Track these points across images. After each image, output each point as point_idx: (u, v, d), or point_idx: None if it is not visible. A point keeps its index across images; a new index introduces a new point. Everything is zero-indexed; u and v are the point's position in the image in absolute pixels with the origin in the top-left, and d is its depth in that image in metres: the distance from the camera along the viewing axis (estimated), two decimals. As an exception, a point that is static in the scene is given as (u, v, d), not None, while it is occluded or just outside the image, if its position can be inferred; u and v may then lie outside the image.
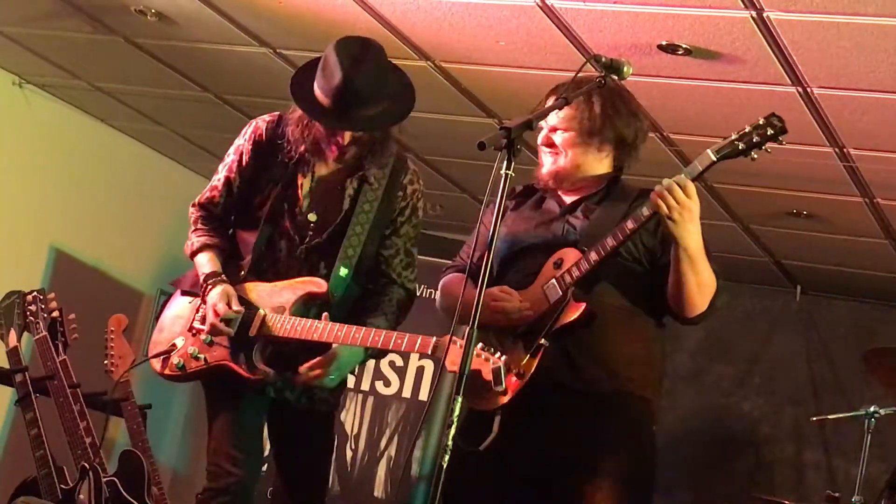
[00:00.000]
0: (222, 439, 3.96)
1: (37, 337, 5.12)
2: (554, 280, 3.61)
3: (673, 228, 3.43)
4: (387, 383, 8.00)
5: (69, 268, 7.71)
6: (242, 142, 4.13)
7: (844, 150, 5.68)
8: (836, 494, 6.05)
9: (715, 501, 7.31)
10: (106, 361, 5.76)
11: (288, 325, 3.83)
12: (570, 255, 3.61)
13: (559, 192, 3.83)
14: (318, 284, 3.89)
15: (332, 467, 7.79)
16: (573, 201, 3.79)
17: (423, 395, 7.93)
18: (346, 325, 3.75)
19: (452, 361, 3.31)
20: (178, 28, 5.90)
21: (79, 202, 7.81)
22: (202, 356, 3.95)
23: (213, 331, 3.91)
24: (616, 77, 3.55)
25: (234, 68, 6.33)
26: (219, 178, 4.15)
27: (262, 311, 3.89)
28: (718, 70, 5.08)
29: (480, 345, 3.41)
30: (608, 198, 3.75)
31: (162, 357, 4.05)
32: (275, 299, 3.92)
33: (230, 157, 4.15)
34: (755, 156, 3.41)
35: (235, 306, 3.89)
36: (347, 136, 3.91)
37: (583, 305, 3.53)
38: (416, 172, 4.11)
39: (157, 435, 5.23)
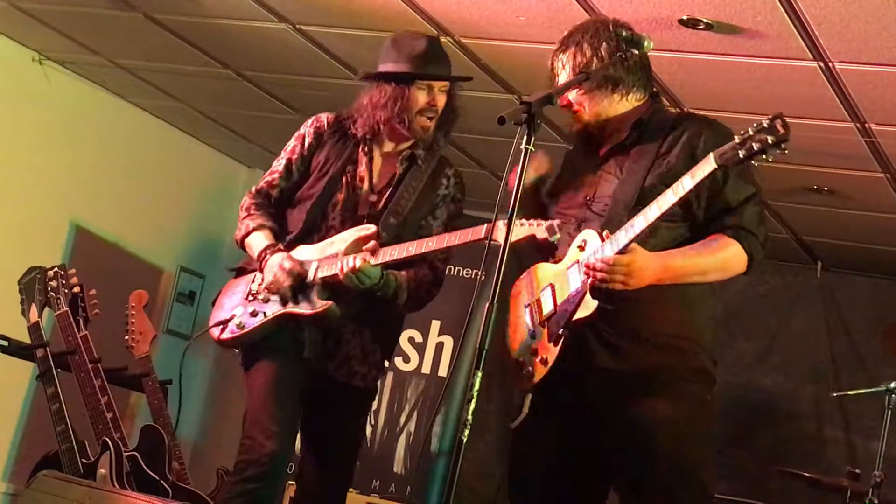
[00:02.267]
0: (259, 411, 4.03)
1: (58, 312, 5.15)
2: (575, 267, 3.54)
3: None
4: (406, 359, 8.03)
5: (89, 244, 7.73)
6: (304, 131, 4.33)
7: (866, 125, 5.65)
8: (857, 470, 6.05)
9: (736, 477, 7.30)
10: (127, 337, 5.79)
11: (347, 262, 3.95)
12: (592, 241, 3.51)
13: (594, 145, 3.75)
14: (366, 228, 4.04)
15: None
16: (604, 153, 3.70)
17: (443, 370, 7.95)
18: (396, 245, 3.95)
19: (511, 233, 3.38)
20: (197, 4, 5.89)
21: (99, 179, 7.83)
22: (261, 312, 4.08)
23: (275, 286, 4.02)
24: (636, 51, 3.53)
25: (254, 44, 6.32)
26: (279, 163, 4.32)
27: (315, 263, 4.04)
28: (739, 45, 5.05)
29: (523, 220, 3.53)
30: (639, 141, 3.63)
31: (221, 325, 4.14)
32: (326, 252, 4.06)
33: (291, 143, 4.33)
34: (755, 163, 3.26)
35: (297, 268, 4.02)
36: (440, 99, 4.18)
37: (595, 306, 3.43)
38: (459, 172, 4.34)
39: (178, 410, 5.25)
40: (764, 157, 3.18)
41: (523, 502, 3.70)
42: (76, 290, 5.24)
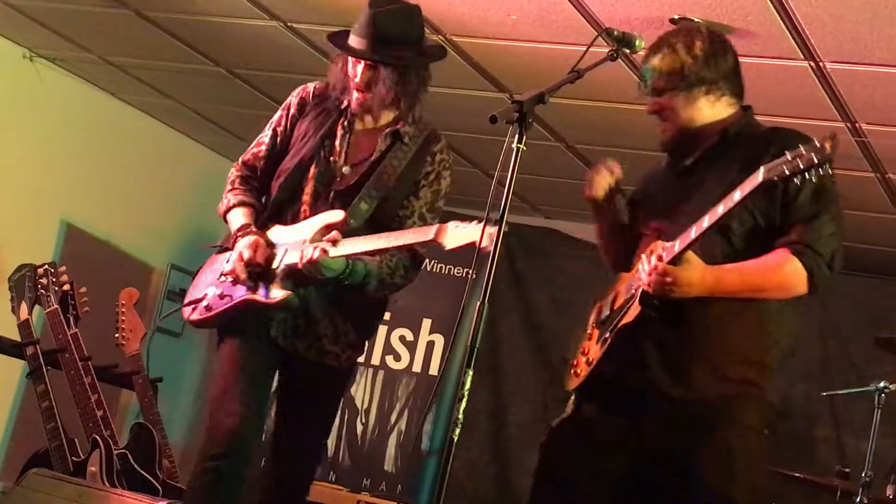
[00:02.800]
0: (221, 391, 3.99)
1: (48, 310, 5.15)
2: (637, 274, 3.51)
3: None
4: (397, 358, 8.03)
5: (80, 242, 7.72)
6: (289, 101, 4.25)
7: (856, 125, 5.66)
8: (847, 470, 6.06)
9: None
10: (117, 335, 5.78)
11: (306, 253, 3.87)
12: (657, 251, 3.44)
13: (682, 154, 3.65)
14: (334, 215, 3.95)
15: (343, 441, 7.87)
16: (691, 162, 3.61)
17: (433, 369, 7.96)
18: (353, 238, 3.84)
19: (452, 240, 3.50)
20: (188, 1, 5.89)
21: (89, 176, 7.82)
22: (227, 295, 4.03)
23: (233, 274, 3.98)
24: (628, 51, 3.53)
25: (245, 42, 6.31)
26: (265, 134, 4.27)
27: (282, 248, 3.97)
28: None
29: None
30: (725, 152, 3.53)
31: (193, 305, 4.11)
32: (295, 236, 3.98)
33: (277, 114, 4.27)
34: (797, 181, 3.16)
35: (261, 257, 3.94)
36: (360, 76, 3.97)
37: (637, 310, 3.40)
38: (447, 147, 4.18)
39: (168, 408, 5.25)
40: (808, 175, 3.10)
41: (549, 500, 3.64)
42: (66, 287, 5.23)
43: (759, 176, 3.14)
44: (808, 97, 5.41)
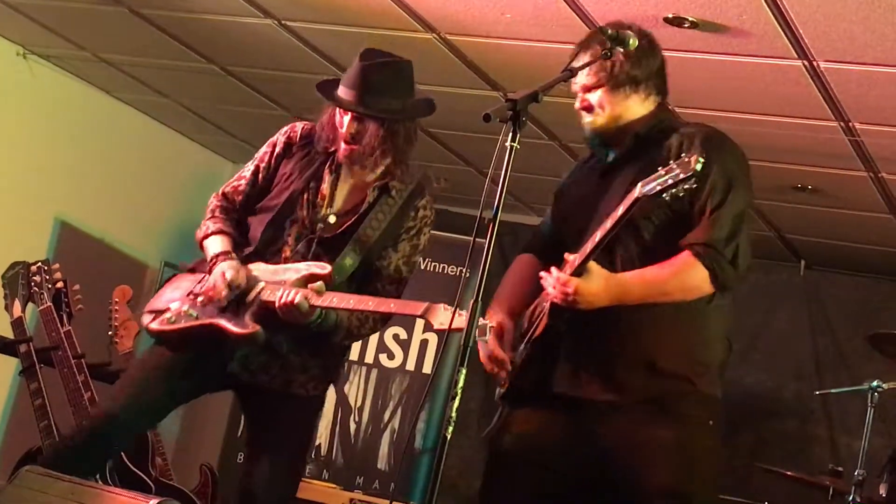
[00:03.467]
0: (121, 382, 4.05)
1: (41, 307, 5.13)
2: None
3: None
4: (390, 356, 8.02)
5: (74, 239, 7.72)
6: (275, 139, 4.20)
7: (850, 124, 5.67)
8: (839, 469, 6.07)
9: (719, 475, 7.31)
10: (110, 332, 5.77)
11: (287, 295, 3.82)
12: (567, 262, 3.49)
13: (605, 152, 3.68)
14: (321, 266, 3.91)
15: (336, 439, 7.87)
16: (611, 161, 3.64)
17: (427, 367, 7.95)
18: (340, 293, 3.81)
19: (441, 323, 3.45)
20: (182, -1, 5.89)
21: (83, 174, 7.81)
22: (194, 314, 3.98)
23: (213, 293, 3.93)
24: (621, 50, 3.53)
25: (240, 40, 6.31)
26: (247, 169, 4.21)
27: (261, 283, 3.92)
28: (725, 43, 5.06)
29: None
30: (636, 151, 3.57)
31: (155, 314, 4.08)
32: (277, 276, 3.94)
33: (262, 150, 4.21)
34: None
35: (242, 280, 3.91)
36: (345, 126, 3.94)
37: (545, 323, 3.49)
38: (431, 201, 4.14)
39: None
40: (674, 191, 3.17)
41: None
42: (60, 285, 5.21)
43: (636, 192, 3.23)
44: (801, 96, 5.42)
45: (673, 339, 3.47)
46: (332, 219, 4.03)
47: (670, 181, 3.15)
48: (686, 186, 3.16)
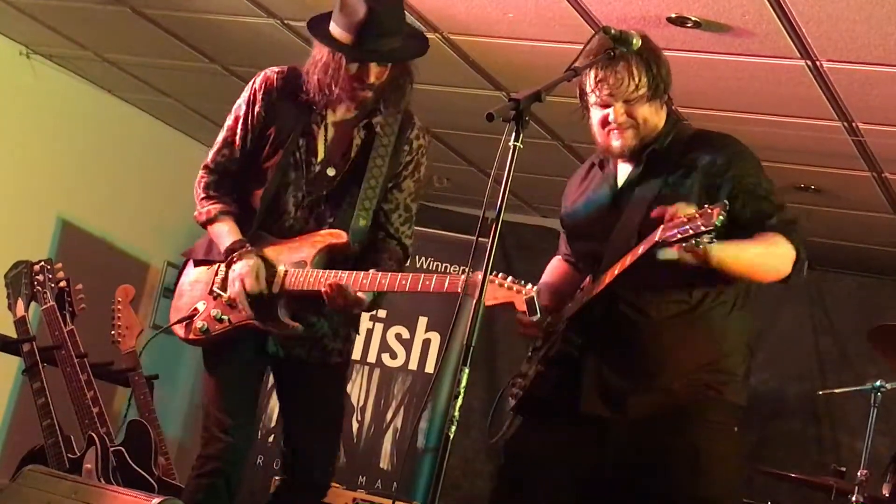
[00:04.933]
0: (213, 405, 3.99)
1: (44, 307, 5.13)
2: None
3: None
4: (393, 356, 8.02)
5: (76, 238, 7.72)
6: (251, 92, 4.06)
7: (853, 124, 5.67)
8: (842, 469, 6.06)
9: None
10: (113, 332, 5.77)
11: (311, 278, 3.82)
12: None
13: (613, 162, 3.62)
14: (337, 236, 3.88)
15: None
16: (626, 180, 3.57)
17: (430, 367, 7.95)
18: (372, 272, 3.75)
19: (493, 297, 3.35)
20: (185, -2, 5.89)
21: (86, 173, 7.81)
22: (226, 318, 3.96)
23: (234, 301, 3.91)
24: (625, 49, 3.53)
25: (242, 39, 6.31)
26: (228, 132, 4.08)
27: (282, 269, 3.90)
28: (728, 43, 5.06)
29: (510, 277, 3.41)
30: (652, 165, 3.51)
31: (185, 322, 4.05)
32: (294, 255, 3.91)
33: (240, 108, 4.07)
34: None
35: (262, 284, 3.88)
36: (372, 76, 3.84)
37: (560, 345, 3.54)
38: (423, 128, 4.07)
39: (164, 405, 5.25)
40: (693, 242, 3.11)
41: None
42: (62, 284, 5.21)
43: (656, 236, 3.18)
44: (804, 96, 5.42)
45: (696, 351, 3.46)
46: (330, 171, 3.96)
47: (691, 231, 3.09)
48: (703, 239, 3.10)
